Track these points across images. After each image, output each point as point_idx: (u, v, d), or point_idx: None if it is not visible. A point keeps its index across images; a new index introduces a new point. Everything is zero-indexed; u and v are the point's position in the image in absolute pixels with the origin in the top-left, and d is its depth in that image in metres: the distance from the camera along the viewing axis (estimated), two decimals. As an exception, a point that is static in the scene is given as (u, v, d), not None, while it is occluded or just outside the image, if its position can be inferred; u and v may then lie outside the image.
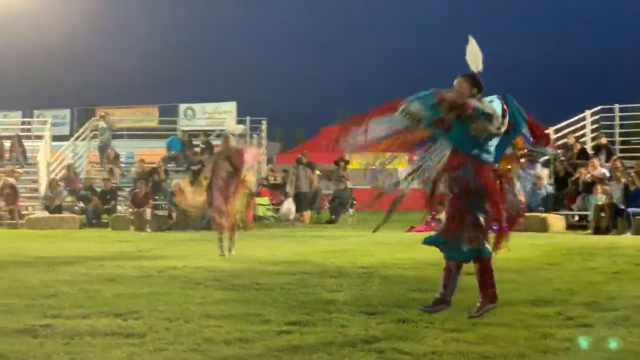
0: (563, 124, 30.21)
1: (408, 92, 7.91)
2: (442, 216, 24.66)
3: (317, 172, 31.24)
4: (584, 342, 7.24)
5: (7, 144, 35.57)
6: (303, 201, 29.14)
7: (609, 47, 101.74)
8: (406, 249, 16.36)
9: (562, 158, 27.79)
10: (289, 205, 29.09)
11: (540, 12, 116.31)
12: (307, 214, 29.61)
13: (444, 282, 8.50)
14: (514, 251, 14.92)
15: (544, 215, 24.35)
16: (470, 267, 8.47)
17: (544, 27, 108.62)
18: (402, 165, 8.80)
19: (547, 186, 26.25)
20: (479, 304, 8.16)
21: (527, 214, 20.31)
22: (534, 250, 15.95)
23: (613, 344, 7.18)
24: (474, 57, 8.19)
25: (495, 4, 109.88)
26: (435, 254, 15.22)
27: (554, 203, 25.84)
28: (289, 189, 29.31)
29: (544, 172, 26.84)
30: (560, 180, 26.94)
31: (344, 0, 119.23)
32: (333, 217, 29.68)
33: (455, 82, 8.11)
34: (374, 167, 8.63)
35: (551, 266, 13.62)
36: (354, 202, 30.15)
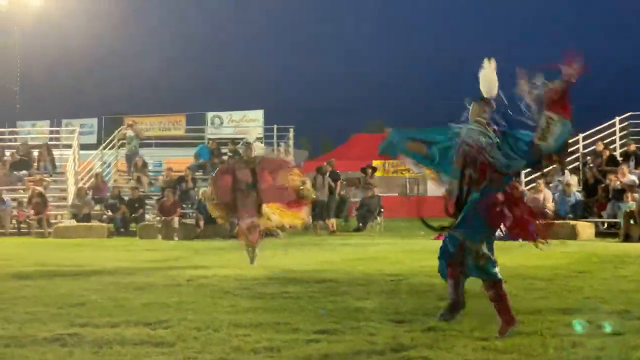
0: (592, 130, 30.03)
1: (436, 98, 7.88)
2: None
3: (342, 180, 31.18)
4: (614, 351, 7.17)
5: (35, 153, 35.75)
6: (320, 210, 28.95)
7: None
8: (434, 256, 16.22)
9: (591, 165, 27.68)
10: None
11: (567, 17, 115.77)
12: (333, 222, 29.48)
13: (453, 287, 8.46)
14: (544, 259, 14.94)
15: (573, 222, 24.19)
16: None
17: (571, 32, 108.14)
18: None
19: (576, 193, 26.15)
20: (500, 325, 8.03)
21: (555, 221, 20.16)
22: (564, 258, 15.85)
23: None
24: (489, 83, 8.06)
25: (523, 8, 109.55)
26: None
27: (583, 210, 25.70)
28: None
29: (573, 179, 26.76)
30: (589, 187, 26.81)
31: (370, 8, 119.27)
32: (360, 225, 29.60)
33: (474, 108, 8.05)
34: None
35: (581, 274, 13.52)
36: (382, 209, 30.07)
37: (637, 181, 24.99)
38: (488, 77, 8.06)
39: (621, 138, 30.11)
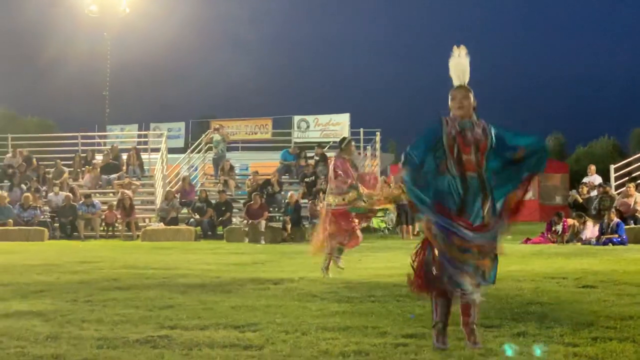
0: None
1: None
2: (559, 227, 24.37)
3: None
4: None
5: (124, 156, 36.25)
6: (406, 214, 28.79)
7: None
8: (521, 260, 16.16)
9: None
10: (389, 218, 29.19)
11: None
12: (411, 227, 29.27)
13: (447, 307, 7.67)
14: (635, 264, 14.72)
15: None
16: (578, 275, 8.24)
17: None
18: None
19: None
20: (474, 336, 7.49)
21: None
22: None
23: None
24: (462, 71, 7.62)
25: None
26: (551, 267, 15.04)
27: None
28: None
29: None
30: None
31: (462, 10, 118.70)
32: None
33: (458, 95, 7.53)
34: None
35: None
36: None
37: None
38: (459, 64, 7.71)
39: None
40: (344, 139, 15.54)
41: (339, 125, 41.72)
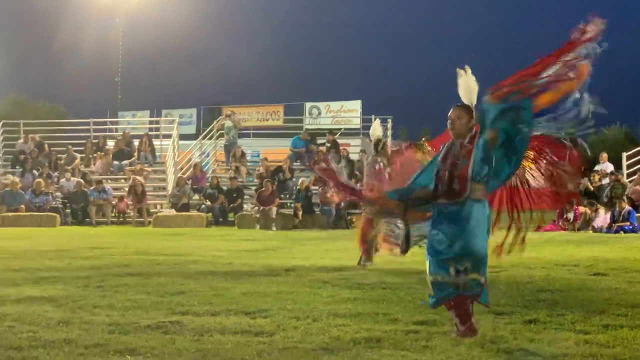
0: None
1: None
2: (571, 215, 24.35)
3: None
4: None
5: (136, 143, 36.26)
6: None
7: None
8: (533, 248, 16.11)
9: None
10: None
11: None
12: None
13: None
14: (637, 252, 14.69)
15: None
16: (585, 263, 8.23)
17: None
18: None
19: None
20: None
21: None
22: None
23: None
24: (469, 90, 7.57)
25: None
26: (563, 255, 15.02)
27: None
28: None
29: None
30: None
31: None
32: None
33: (452, 114, 7.49)
34: None
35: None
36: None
37: None
38: (469, 83, 7.65)
39: None
40: (379, 140, 14.92)
41: (350, 112, 41.67)
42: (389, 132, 35.79)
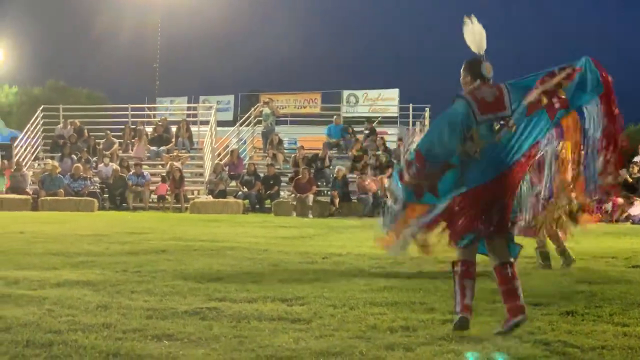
0: None
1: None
2: (609, 206, 24.19)
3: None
4: None
5: (174, 129, 36.40)
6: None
7: None
8: (569, 239, 16.03)
9: None
10: None
11: None
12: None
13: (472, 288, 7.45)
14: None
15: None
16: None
17: None
18: None
19: None
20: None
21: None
22: None
23: None
24: (477, 36, 7.44)
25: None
26: (601, 246, 14.91)
27: None
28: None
29: None
30: None
31: None
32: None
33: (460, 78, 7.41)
34: None
35: None
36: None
37: None
38: (475, 30, 7.49)
39: None
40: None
41: (388, 100, 41.64)
42: (427, 121, 35.68)
